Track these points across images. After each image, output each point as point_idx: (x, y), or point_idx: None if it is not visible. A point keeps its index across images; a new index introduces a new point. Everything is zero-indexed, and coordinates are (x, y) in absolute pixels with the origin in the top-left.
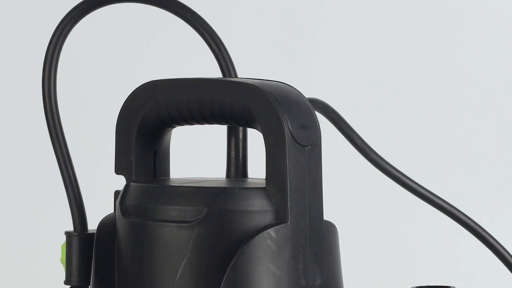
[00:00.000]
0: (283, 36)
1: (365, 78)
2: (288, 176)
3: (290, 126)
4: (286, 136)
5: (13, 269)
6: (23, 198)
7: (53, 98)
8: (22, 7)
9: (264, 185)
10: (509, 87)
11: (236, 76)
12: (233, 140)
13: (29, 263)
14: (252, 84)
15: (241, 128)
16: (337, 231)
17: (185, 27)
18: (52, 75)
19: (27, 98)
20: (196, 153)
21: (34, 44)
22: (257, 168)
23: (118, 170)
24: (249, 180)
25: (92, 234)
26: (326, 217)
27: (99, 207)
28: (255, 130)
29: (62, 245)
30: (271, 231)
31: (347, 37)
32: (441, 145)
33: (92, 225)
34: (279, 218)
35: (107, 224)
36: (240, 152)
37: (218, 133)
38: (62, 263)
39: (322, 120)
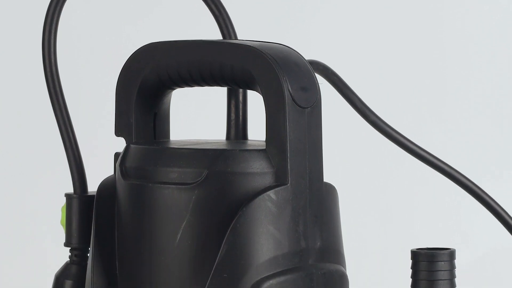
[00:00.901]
0: None
1: (365, 39)
2: (288, 138)
3: (290, 88)
4: (286, 98)
5: (13, 230)
6: (23, 160)
7: (53, 60)
8: None
9: (264, 147)
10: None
11: (236, 38)
12: (233, 102)
13: (29, 225)
14: (252, 46)
15: (241, 90)
16: (337, 193)
17: None
18: (52, 37)
19: (27, 61)
20: (196, 115)
21: (34, 6)
22: (257, 130)
23: (118, 132)
24: (249, 142)
25: (92, 196)
26: (326, 179)
27: (99, 169)
28: (255, 92)
29: (62, 207)
30: (271, 193)
31: None
32: (441, 106)
33: (92, 187)
34: (279, 180)
35: (107, 186)
36: (240, 114)
37: (218, 95)
38: (62, 225)
39: (322, 82)
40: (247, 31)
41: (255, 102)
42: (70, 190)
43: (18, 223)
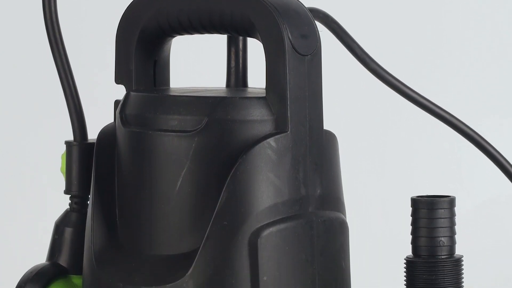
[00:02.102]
0: None
1: None
2: (288, 85)
3: (290, 36)
4: (286, 46)
5: (13, 178)
6: (23, 108)
7: (53, 8)
8: None
9: (264, 95)
10: None
11: None
12: (233, 49)
13: (29, 173)
14: None
15: (241, 38)
16: (337, 141)
17: None
18: None
19: (27, 9)
20: (196, 63)
21: None
22: (257, 78)
23: (118, 80)
24: (249, 89)
25: (92, 143)
26: (326, 126)
27: (99, 117)
28: (255, 39)
29: (62, 154)
30: (271, 140)
31: None
32: (441, 54)
33: (92, 134)
34: (279, 128)
35: (107, 133)
36: (240, 61)
37: (218, 43)
38: (62, 172)
39: (322, 30)
40: None
41: (255, 50)
42: (70, 137)
43: (18, 170)
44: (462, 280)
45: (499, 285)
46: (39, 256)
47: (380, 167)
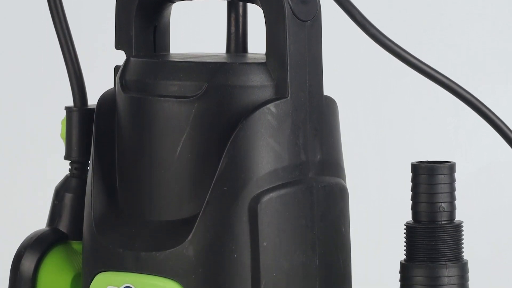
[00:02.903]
0: None
1: None
2: (288, 51)
3: (290, 1)
4: (286, 11)
5: (13, 144)
6: (23, 73)
7: None
8: None
9: (264, 61)
10: None
11: None
12: (233, 15)
13: (29, 138)
14: None
15: (241, 3)
16: (337, 106)
17: None
18: None
19: None
20: (196, 29)
21: None
22: (257, 44)
23: (118, 45)
24: (249, 55)
25: (92, 109)
26: (326, 92)
27: (99, 83)
28: (255, 5)
29: (62, 120)
30: (271, 106)
31: None
32: (439, 19)
33: (92, 100)
34: (279, 93)
35: (107, 99)
36: (240, 27)
37: (218, 8)
38: (62, 138)
39: None
40: None
41: (255, 16)
42: (70, 103)
43: (18, 136)
44: (462, 245)
45: (499, 250)
46: (39, 222)
47: (380, 133)
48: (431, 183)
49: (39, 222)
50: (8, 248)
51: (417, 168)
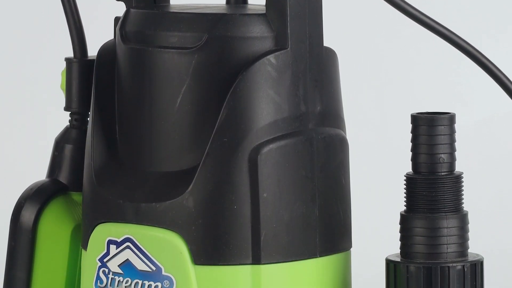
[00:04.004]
0: None
1: None
2: (288, 2)
3: None
4: None
5: (13, 95)
6: (23, 25)
7: None
8: None
9: (264, 12)
10: None
11: None
12: None
13: (29, 90)
14: None
15: None
16: (337, 58)
17: None
18: None
19: None
20: None
21: None
22: None
23: None
24: (249, 6)
25: (92, 60)
26: (326, 44)
27: (99, 34)
28: None
29: (62, 71)
30: (271, 57)
31: None
32: None
33: (92, 51)
34: (279, 45)
35: (107, 50)
36: None
37: None
38: (62, 89)
39: None
40: None
41: None
42: (70, 54)
43: (19, 87)
44: (462, 196)
45: (499, 200)
46: (39, 173)
47: (380, 84)
48: (431, 134)
49: (39, 173)
50: (8, 200)
51: (417, 119)
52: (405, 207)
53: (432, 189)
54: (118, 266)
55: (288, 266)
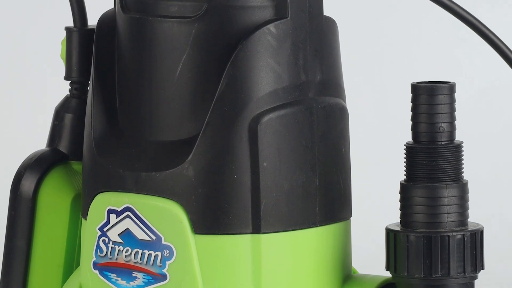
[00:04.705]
0: None
1: None
2: None
3: None
4: None
5: (13, 64)
6: None
7: None
8: None
9: None
10: None
11: None
12: None
13: (29, 59)
14: None
15: None
16: (337, 27)
17: None
18: None
19: None
20: None
21: None
22: None
23: None
24: None
25: (92, 29)
26: (326, 13)
27: (99, 3)
28: None
29: (62, 40)
30: (271, 26)
31: None
32: None
33: (92, 21)
34: (279, 14)
35: (107, 19)
36: None
37: None
38: (62, 58)
39: None
40: None
41: None
42: (70, 23)
43: (19, 56)
44: (462, 166)
45: (499, 169)
46: (39, 143)
47: (380, 54)
48: (431, 103)
49: (39, 142)
50: (8, 169)
51: (417, 89)
52: (405, 176)
53: (432, 158)
54: (118, 235)
55: (288, 235)
